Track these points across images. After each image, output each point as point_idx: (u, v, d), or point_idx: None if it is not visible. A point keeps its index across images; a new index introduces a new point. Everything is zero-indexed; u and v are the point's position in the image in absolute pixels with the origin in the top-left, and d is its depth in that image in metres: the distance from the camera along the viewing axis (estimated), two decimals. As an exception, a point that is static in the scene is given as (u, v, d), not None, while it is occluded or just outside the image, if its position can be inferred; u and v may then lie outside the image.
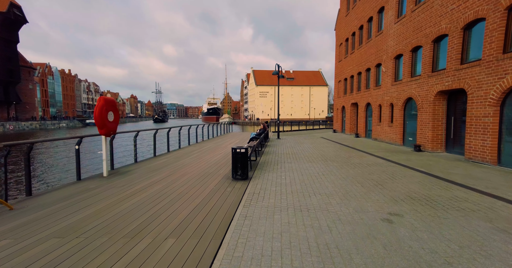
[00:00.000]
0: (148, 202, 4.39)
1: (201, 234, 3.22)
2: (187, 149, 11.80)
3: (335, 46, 23.22)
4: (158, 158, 9.17)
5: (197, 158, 9.09)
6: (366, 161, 8.56)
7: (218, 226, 3.45)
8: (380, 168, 7.35)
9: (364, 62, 16.68)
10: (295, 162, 8.50)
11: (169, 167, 7.57)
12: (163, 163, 8.15)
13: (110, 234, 3.22)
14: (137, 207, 4.15)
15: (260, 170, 7.13)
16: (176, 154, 10.29)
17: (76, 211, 4.00)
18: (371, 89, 15.72)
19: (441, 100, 9.65)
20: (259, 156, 9.57)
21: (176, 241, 3.04)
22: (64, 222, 3.61)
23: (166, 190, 5.14)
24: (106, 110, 5.90)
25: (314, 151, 11.14)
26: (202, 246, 2.93)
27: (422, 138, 10.39)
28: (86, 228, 3.40)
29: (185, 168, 7.33)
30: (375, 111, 15.19)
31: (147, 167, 7.51)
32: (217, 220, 3.66)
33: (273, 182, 5.88)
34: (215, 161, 8.52)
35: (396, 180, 5.97)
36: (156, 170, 7.08)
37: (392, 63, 13.05)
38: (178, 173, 6.66)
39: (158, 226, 3.43)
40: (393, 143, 12.94)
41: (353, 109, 19.46)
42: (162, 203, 4.35)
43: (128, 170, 7.08)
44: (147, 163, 8.22)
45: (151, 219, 3.66)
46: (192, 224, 3.50)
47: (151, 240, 3.03)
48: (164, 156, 9.77)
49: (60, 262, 2.58)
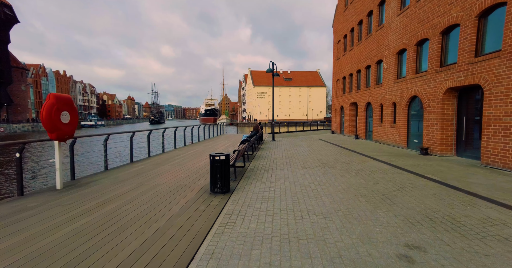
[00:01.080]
0: (91, 229, 3.36)
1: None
2: (172, 153, 10.77)
3: (333, 43, 22.30)
4: (134, 165, 8.13)
5: (178, 165, 8.06)
6: (368, 166, 7.57)
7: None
8: (385, 176, 6.35)
9: (364, 59, 15.73)
10: (288, 168, 7.49)
11: (142, 176, 6.54)
12: (136, 171, 7.12)
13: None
14: (72, 238, 3.12)
15: (246, 179, 6.12)
16: (157, 159, 9.26)
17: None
18: (372, 88, 14.77)
19: (451, 98, 8.68)
20: (248, 161, 8.56)
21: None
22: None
23: (123, 209, 4.11)
24: (57, 110, 4.87)
25: (311, 154, 10.14)
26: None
27: (429, 140, 9.42)
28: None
29: (159, 178, 6.30)
30: (376, 111, 14.24)
31: (116, 176, 6.48)
32: (171, 261, 2.63)
33: (260, 195, 4.87)
34: (197, 168, 7.50)
35: (407, 192, 4.98)
36: (124, 180, 6.05)
37: (394, 59, 12.10)
38: (148, 185, 5.63)
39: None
40: (396, 145, 11.97)
41: (352, 109, 18.50)
42: (108, 230, 3.32)
43: (92, 180, 6.04)
44: (119, 171, 7.18)
45: (79, 259, 2.63)
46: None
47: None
48: (141, 162, 8.73)
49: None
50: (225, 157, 4.96)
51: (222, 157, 4.93)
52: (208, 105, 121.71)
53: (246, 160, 8.65)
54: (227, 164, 5.00)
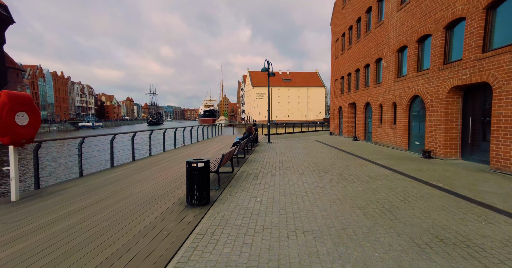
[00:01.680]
0: (23, 258, 2.74)
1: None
2: (159, 157, 10.15)
3: (331, 42, 21.73)
4: (114, 170, 7.52)
5: (162, 170, 7.44)
6: (367, 171, 6.96)
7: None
8: (386, 183, 5.75)
9: (363, 57, 15.16)
10: (280, 173, 6.88)
11: (118, 183, 5.93)
12: (114, 178, 6.50)
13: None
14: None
15: (232, 188, 5.51)
16: (142, 163, 8.64)
17: None
18: (371, 87, 14.19)
19: (456, 98, 8.09)
20: (238, 166, 7.95)
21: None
22: None
23: (78, 227, 3.50)
24: (10, 111, 4.26)
25: (307, 158, 9.54)
26: None
27: (432, 142, 8.83)
28: None
29: (136, 186, 5.69)
30: (375, 111, 13.65)
31: (88, 184, 5.86)
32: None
33: (243, 208, 4.26)
34: (181, 174, 6.88)
35: (411, 203, 4.37)
36: (96, 189, 5.43)
37: (394, 57, 11.52)
38: (121, 194, 5.02)
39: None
40: (396, 147, 11.37)
41: (351, 110, 17.92)
42: (44, 260, 2.70)
43: (59, 189, 5.42)
44: (95, 178, 6.56)
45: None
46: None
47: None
48: (124, 167, 8.11)
49: None
50: (204, 164, 4.35)
51: (200, 163, 4.32)
52: (207, 106, 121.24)
53: (236, 165, 8.04)
54: (206, 171, 4.39)
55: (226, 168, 7.53)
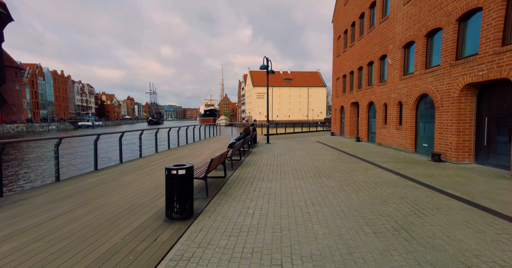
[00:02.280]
0: None
1: None
2: (149, 159, 9.54)
3: (333, 40, 21.07)
4: (96, 174, 6.90)
5: (148, 174, 6.82)
6: (373, 176, 6.33)
7: None
8: (395, 191, 5.12)
9: (366, 55, 14.51)
10: (278, 178, 6.25)
11: (94, 190, 5.31)
12: (92, 183, 5.88)
13: None
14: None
15: (222, 196, 4.88)
16: (128, 166, 8.03)
17: None
18: (375, 86, 13.54)
19: (469, 96, 7.44)
20: (232, 169, 7.32)
21: None
22: None
23: (24, 251, 2.86)
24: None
25: (307, 160, 8.91)
26: None
27: (443, 145, 8.18)
28: None
29: (113, 193, 5.07)
30: (379, 111, 13.00)
31: (61, 191, 5.25)
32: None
33: (231, 223, 3.63)
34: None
35: (427, 218, 3.74)
36: (67, 197, 4.81)
37: (400, 53, 10.86)
38: (94, 204, 4.40)
39: None
40: (402, 149, 10.72)
41: (353, 109, 17.26)
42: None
43: (25, 197, 4.80)
44: (72, 183, 5.94)
45: None
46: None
47: None
48: (108, 170, 7.49)
49: None
50: (186, 171, 3.72)
51: (181, 170, 3.69)
52: (207, 106, 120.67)
53: (230, 168, 7.42)
54: (188, 179, 3.77)
55: (218, 172, 6.90)
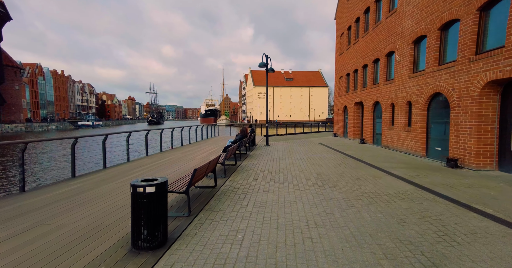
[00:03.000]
0: None
1: None
2: (137, 163, 8.78)
3: (335, 37, 20.26)
4: (72, 182, 6.14)
5: (127, 183, 6.06)
6: (384, 186, 5.54)
7: None
8: (412, 205, 4.33)
9: (371, 52, 13.70)
10: (275, 189, 5.47)
11: (61, 204, 4.55)
12: (61, 194, 5.12)
13: None
14: None
15: (208, 213, 4.11)
16: (112, 172, 7.27)
17: None
18: (381, 84, 12.73)
19: (492, 95, 6.63)
20: (225, 177, 6.54)
21: None
22: None
23: None
24: None
25: (308, 165, 8.12)
26: None
27: (460, 149, 7.37)
28: None
29: (79, 209, 4.30)
30: (385, 111, 12.19)
31: (22, 205, 4.49)
32: None
33: (212, 255, 2.85)
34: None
35: (463, 247, 2.94)
36: (22, 215, 4.05)
37: (409, 49, 10.05)
38: (49, 225, 3.63)
39: None
40: (411, 152, 9.91)
41: (357, 109, 16.45)
42: None
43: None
44: (39, 193, 5.18)
45: None
46: None
47: None
48: (87, 177, 6.73)
49: None
50: (156, 188, 2.95)
51: (150, 187, 2.92)
52: (208, 106, 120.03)
53: (222, 175, 6.63)
54: (160, 198, 2.99)
55: (209, 180, 6.13)
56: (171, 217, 3.87)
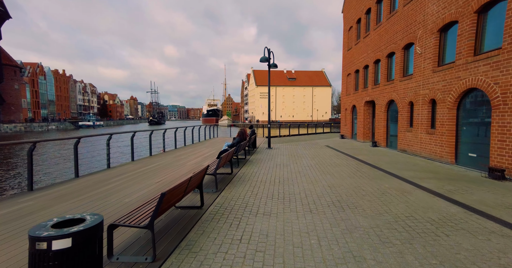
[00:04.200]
0: None
1: None
2: (118, 170, 7.54)
3: (343, 31, 18.91)
4: (24, 197, 4.89)
5: (91, 201, 4.79)
6: (420, 206, 4.22)
7: None
8: (478, 244, 3.01)
9: (385, 45, 12.35)
10: (280, 209, 4.18)
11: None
12: (11, 214, 3.88)
13: None
14: None
15: (183, 255, 2.82)
16: (83, 182, 6.02)
17: None
18: (396, 81, 11.38)
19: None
20: (217, 191, 5.25)
21: None
22: None
23: None
24: None
25: (318, 174, 6.82)
26: None
27: (507, 156, 6.02)
28: None
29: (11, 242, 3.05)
30: (402, 111, 10.85)
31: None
32: None
33: None
34: (119, 208, 4.22)
35: None
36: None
37: (434, 39, 8.70)
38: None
39: None
40: (436, 158, 8.57)
41: (368, 109, 15.10)
42: None
43: None
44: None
45: None
46: None
47: None
48: (48, 190, 5.47)
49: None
50: (76, 238, 1.67)
51: (63, 241, 1.64)
52: (210, 106, 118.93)
53: (212, 189, 5.33)
54: (83, 260, 1.71)
55: (194, 197, 4.85)
56: (121, 264, 2.59)
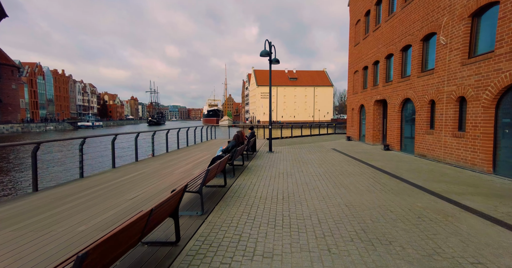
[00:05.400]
0: None
1: None
2: (91, 181, 6.32)
3: (349, 26, 17.65)
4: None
5: (45, 225, 3.57)
6: (479, 241, 2.94)
7: None
8: None
9: (399, 37, 11.09)
10: (285, 249, 2.91)
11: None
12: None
13: None
14: None
15: None
16: (42, 198, 4.80)
17: None
18: (413, 77, 10.12)
19: None
20: (203, 213, 4.01)
21: None
22: None
23: None
24: None
25: (329, 187, 5.56)
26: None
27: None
28: None
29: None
30: (421, 111, 9.58)
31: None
32: None
33: None
34: (72, 238, 2.99)
35: None
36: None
37: (464, 26, 7.44)
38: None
39: None
40: (466, 166, 7.30)
41: (378, 108, 13.83)
42: None
43: None
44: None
45: None
46: None
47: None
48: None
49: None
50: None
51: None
52: (211, 106, 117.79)
53: (196, 211, 4.08)
54: None
55: (166, 226, 3.59)
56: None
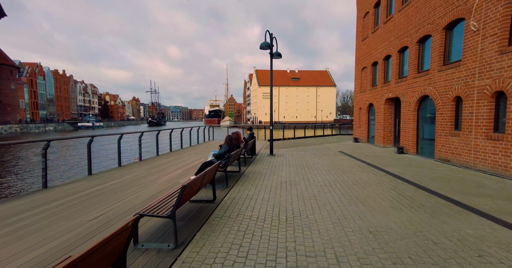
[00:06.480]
0: None
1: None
2: (55, 192, 5.21)
3: (356, 19, 16.49)
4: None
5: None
6: None
7: None
8: None
9: (415, 28, 9.92)
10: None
11: None
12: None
13: None
14: None
15: None
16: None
17: None
18: (433, 71, 8.94)
19: None
20: (181, 246, 2.88)
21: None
22: None
23: None
24: None
25: (344, 203, 4.41)
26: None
27: None
28: None
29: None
30: (443, 109, 8.41)
31: None
32: None
33: None
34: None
35: None
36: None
37: (504, 7, 6.28)
38: None
39: None
40: (507, 175, 6.13)
41: (390, 107, 12.65)
42: None
43: None
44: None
45: None
46: None
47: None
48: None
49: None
50: None
51: None
52: (212, 106, 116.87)
53: (169, 244, 2.95)
54: None
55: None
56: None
